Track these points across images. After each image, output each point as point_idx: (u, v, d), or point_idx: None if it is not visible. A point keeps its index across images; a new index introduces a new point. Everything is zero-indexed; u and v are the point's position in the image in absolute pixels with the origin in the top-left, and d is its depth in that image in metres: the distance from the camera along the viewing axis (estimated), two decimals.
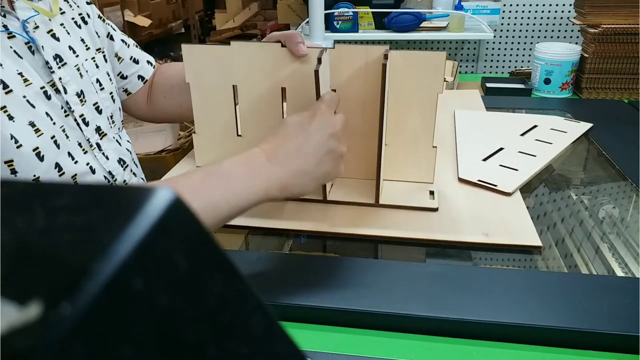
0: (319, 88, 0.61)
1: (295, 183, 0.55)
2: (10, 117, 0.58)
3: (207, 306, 0.16)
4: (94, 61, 0.73)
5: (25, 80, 0.61)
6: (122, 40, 0.83)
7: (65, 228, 0.15)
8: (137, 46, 0.87)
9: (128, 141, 0.81)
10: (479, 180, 0.75)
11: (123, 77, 0.84)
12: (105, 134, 0.72)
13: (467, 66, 2.31)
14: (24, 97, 0.60)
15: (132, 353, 0.13)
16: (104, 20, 0.80)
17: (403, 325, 0.49)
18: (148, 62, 0.87)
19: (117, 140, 0.76)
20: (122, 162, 0.75)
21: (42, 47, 0.64)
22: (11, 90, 0.59)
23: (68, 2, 0.73)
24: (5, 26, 0.60)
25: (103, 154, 0.71)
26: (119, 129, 0.78)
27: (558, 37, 2.19)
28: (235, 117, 0.76)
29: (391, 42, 2.02)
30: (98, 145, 0.70)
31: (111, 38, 0.81)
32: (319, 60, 0.61)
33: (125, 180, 0.75)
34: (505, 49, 2.26)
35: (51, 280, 0.13)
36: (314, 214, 0.68)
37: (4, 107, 0.58)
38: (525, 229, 0.64)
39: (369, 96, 0.70)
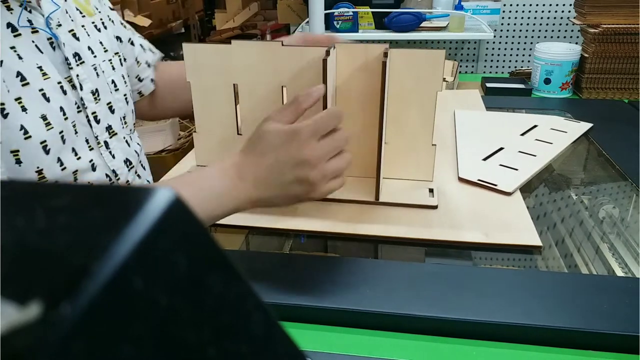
0: (326, 78, 0.62)
1: (264, 201, 0.58)
2: (24, 109, 0.60)
3: (207, 306, 0.16)
4: (111, 63, 0.75)
5: (44, 74, 0.63)
6: (141, 45, 0.88)
7: (65, 228, 0.15)
8: (151, 50, 0.91)
9: (138, 144, 0.83)
10: (479, 180, 0.75)
11: (140, 80, 0.88)
12: (116, 134, 0.74)
13: (467, 66, 2.31)
14: (41, 90, 0.62)
15: (132, 353, 0.13)
16: (125, 27, 0.85)
17: (403, 325, 0.49)
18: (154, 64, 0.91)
19: (126, 141, 0.78)
20: (128, 163, 0.76)
21: (63, 44, 0.66)
22: (28, 83, 0.60)
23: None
24: (30, 21, 0.62)
25: (110, 152, 0.72)
26: (130, 130, 0.80)
27: (558, 37, 2.19)
28: (235, 116, 0.76)
29: (391, 42, 2.02)
30: (106, 143, 0.72)
31: (132, 43, 0.85)
32: (327, 53, 0.62)
33: (128, 181, 0.76)
34: (505, 49, 2.26)
35: (51, 280, 0.13)
36: (314, 213, 0.68)
37: (19, 98, 0.59)
38: (525, 229, 0.64)
39: (368, 94, 0.70)
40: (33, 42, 0.62)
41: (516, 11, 2.18)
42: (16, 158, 0.59)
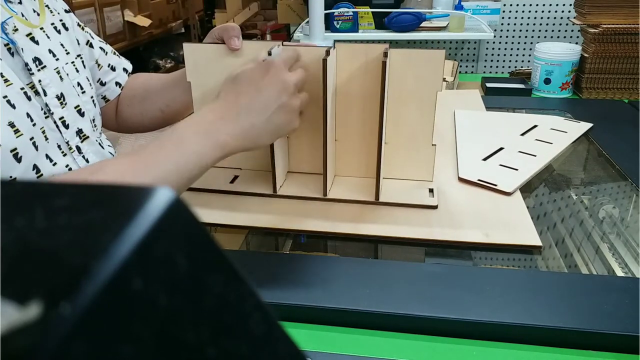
0: (326, 78, 0.61)
1: (248, 137, 0.58)
2: None
3: (207, 306, 0.16)
4: (74, 65, 0.72)
5: (6, 80, 0.60)
6: (101, 48, 0.84)
7: (65, 228, 0.15)
8: (114, 53, 0.87)
9: (109, 145, 0.80)
10: (479, 180, 0.75)
11: (102, 84, 0.84)
12: (87, 137, 0.72)
13: (467, 66, 2.31)
14: (5, 97, 0.59)
15: (132, 353, 0.13)
16: (82, 28, 0.81)
17: (403, 325, 0.49)
18: (124, 69, 0.87)
19: (99, 143, 0.75)
20: None
21: (22, 49, 0.63)
22: None
23: (49, 8, 0.72)
24: None
25: (83, 156, 0.70)
26: (100, 133, 0.78)
27: (558, 37, 2.19)
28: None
29: (391, 42, 2.02)
30: (78, 148, 0.70)
31: (90, 45, 0.81)
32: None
33: None
34: (506, 49, 2.26)
35: (51, 280, 0.13)
36: (314, 213, 0.69)
37: None
38: (526, 229, 0.64)
39: (368, 94, 0.70)
40: None
41: (516, 11, 2.18)
42: None
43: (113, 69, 0.85)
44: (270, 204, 0.71)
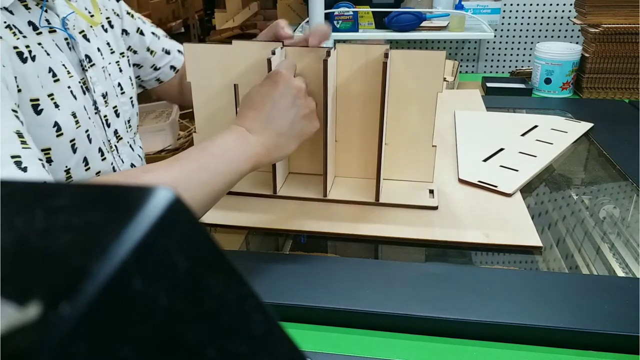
0: (326, 78, 0.63)
1: (277, 146, 0.60)
2: (56, 105, 0.59)
3: (207, 306, 0.16)
4: (118, 65, 0.75)
5: (68, 72, 0.63)
6: (153, 33, 0.85)
7: (65, 228, 0.15)
8: (167, 36, 0.89)
9: (140, 147, 0.82)
10: (479, 182, 0.74)
11: (156, 69, 0.86)
12: (122, 138, 0.74)
13: (467, 66, 2.31)
14: (69, 87, 0.62)
15: (131, 353, 0.13)
16: (132, 16, 0.82)
17: (403, 325, 0.49)
18: (179, 51, 0.89)
19: (130, 146, 0.77)
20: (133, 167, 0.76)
21: (78, 44, 0.66)
22: (58, 79, 0.60)
23: (97, 6, 0.74)
24: (47, 20, 0.62)
25: (119, 156, 0.73)
26: (135, 133, 0.80)
27: (559, 36, 2.19)
28: (236, 116, 0.76)
29: (391, 41, 2.02)
30: (116, 147, 0.72)
31: (141, 33, 0.83)
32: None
33: None
34: (506, 48, 2.26)
35: (51, 280, 0.13)
36: (314, 213, 0.68)
37: (52, 94, 0.59)
38: (526, 230, 0.64)
39: (369, 95, 0.70)
40: (53, 40, 0.62)
41: (517, 11, 2.18)
42: (47, 157, 0.59)
43: (167, 52, 0.87)
44: (270, 205, 0.71)
